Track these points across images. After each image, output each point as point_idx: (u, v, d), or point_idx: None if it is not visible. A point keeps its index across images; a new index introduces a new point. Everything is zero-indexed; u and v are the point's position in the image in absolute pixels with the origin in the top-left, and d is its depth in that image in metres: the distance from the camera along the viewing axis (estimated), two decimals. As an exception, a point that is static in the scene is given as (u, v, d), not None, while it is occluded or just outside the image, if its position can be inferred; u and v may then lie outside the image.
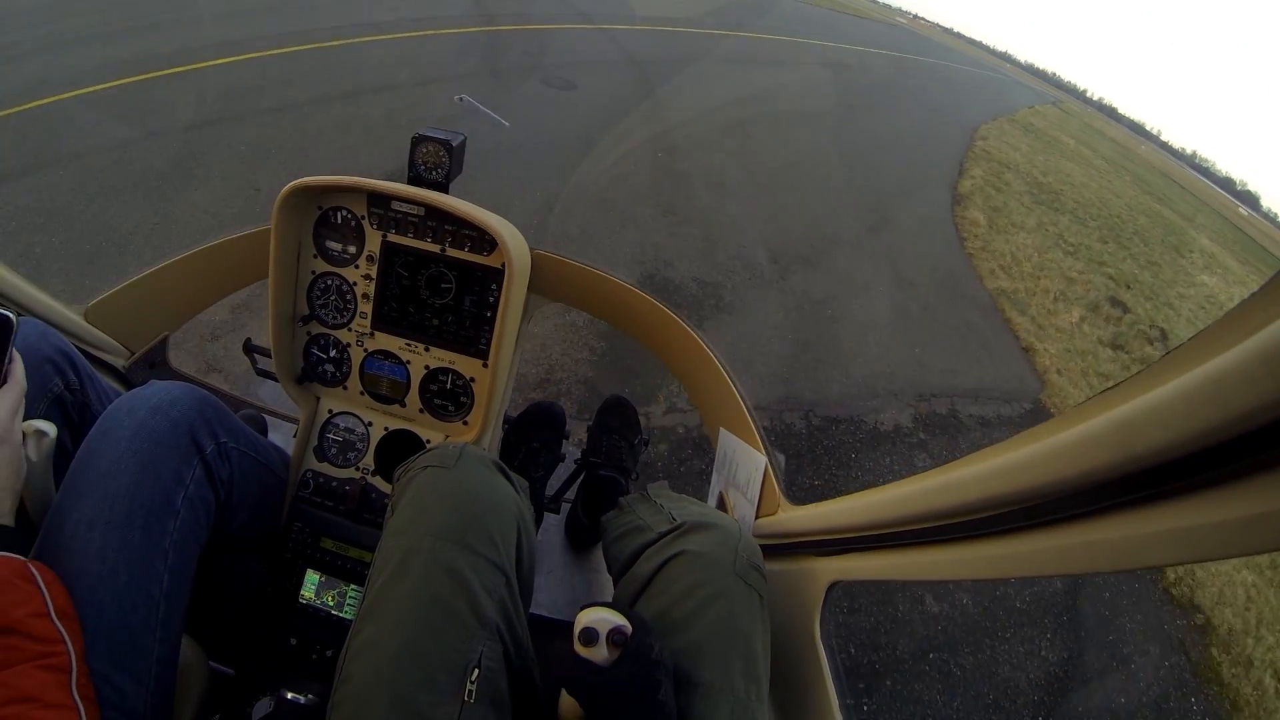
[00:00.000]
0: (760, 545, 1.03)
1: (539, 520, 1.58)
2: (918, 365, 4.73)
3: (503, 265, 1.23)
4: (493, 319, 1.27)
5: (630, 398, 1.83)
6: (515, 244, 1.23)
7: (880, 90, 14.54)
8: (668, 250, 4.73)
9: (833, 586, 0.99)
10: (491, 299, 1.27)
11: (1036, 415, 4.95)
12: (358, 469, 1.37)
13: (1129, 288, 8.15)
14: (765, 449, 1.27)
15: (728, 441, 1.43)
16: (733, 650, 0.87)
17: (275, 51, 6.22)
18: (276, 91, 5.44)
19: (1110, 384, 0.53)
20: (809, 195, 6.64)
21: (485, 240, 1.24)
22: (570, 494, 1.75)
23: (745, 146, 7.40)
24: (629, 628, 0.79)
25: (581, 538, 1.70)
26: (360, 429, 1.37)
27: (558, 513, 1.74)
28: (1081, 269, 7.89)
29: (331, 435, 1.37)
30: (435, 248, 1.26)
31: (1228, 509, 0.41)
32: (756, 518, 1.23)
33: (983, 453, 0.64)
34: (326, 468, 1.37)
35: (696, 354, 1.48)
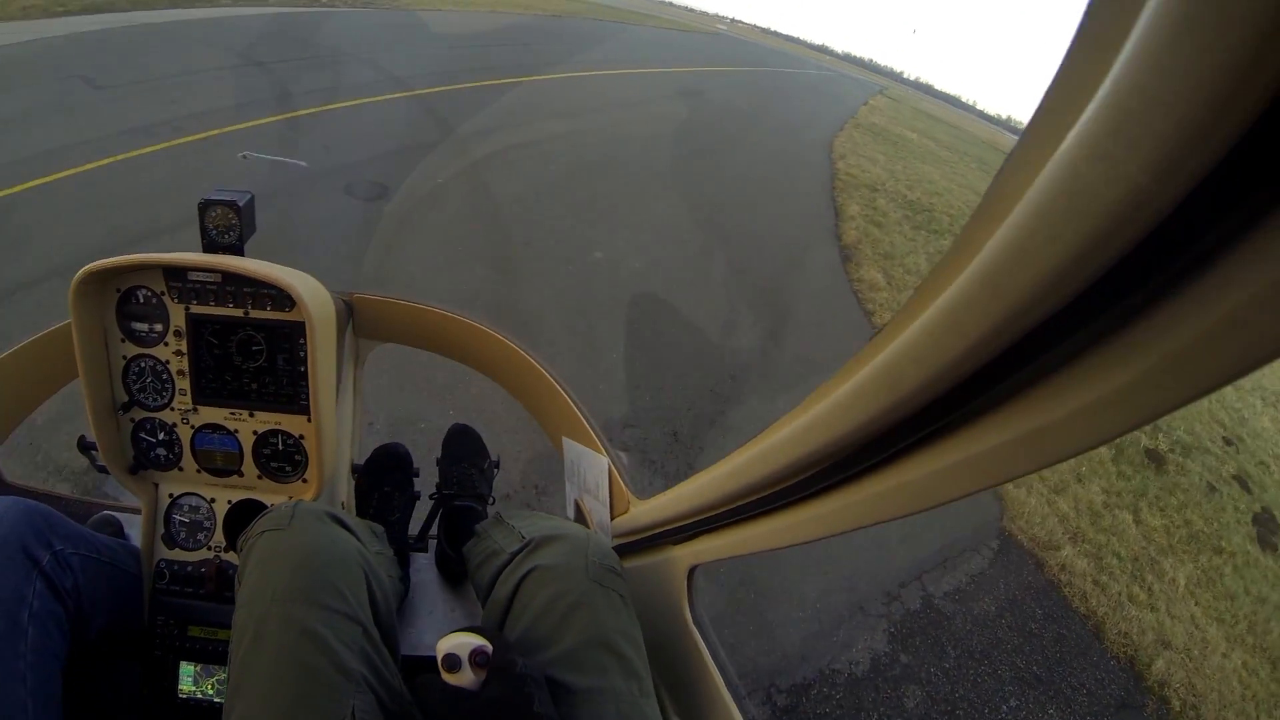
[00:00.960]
0: (620, 544, 1.16)
1: (406, 561, 1.58)
2: (876, 549, 3.82)
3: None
4: (307, 373, 1.28)
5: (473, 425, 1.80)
6: (313, 296, 1.25)
7: (728, 119, 14.00)
8: (527, 451, 3.50)
9: (693, 571, 1.04)
10: (302, 354, 1.28)
11: (1005, 550, 4.35)
12: (210, 548, 1.37)
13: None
14: (605, 449, 1.36)
15: (571, 449, 1.47)
16: (605, 653, 0.89)
17: (18, 189, 4.64)
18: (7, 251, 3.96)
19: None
20: (691, 304, 5.59)
21: (285, 297, 1.24)
22: (435, 530, 1.69)
23: (607, 238, 6.24)
24: (489, 647, 0.79)
25: (453, 571, 1.62)
26: (205, 507, 1.37)
27: (426, 551, 1.68)
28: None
29: (178, 518, 1.37)
30: (238, 312, 1.27)
31: (1001, 432, 0.43)
32: (612, 518, 1.28)
33: (786, 418, 0.66)
34: (179, 554, 1.36)
35: (527, 370, 1.57)
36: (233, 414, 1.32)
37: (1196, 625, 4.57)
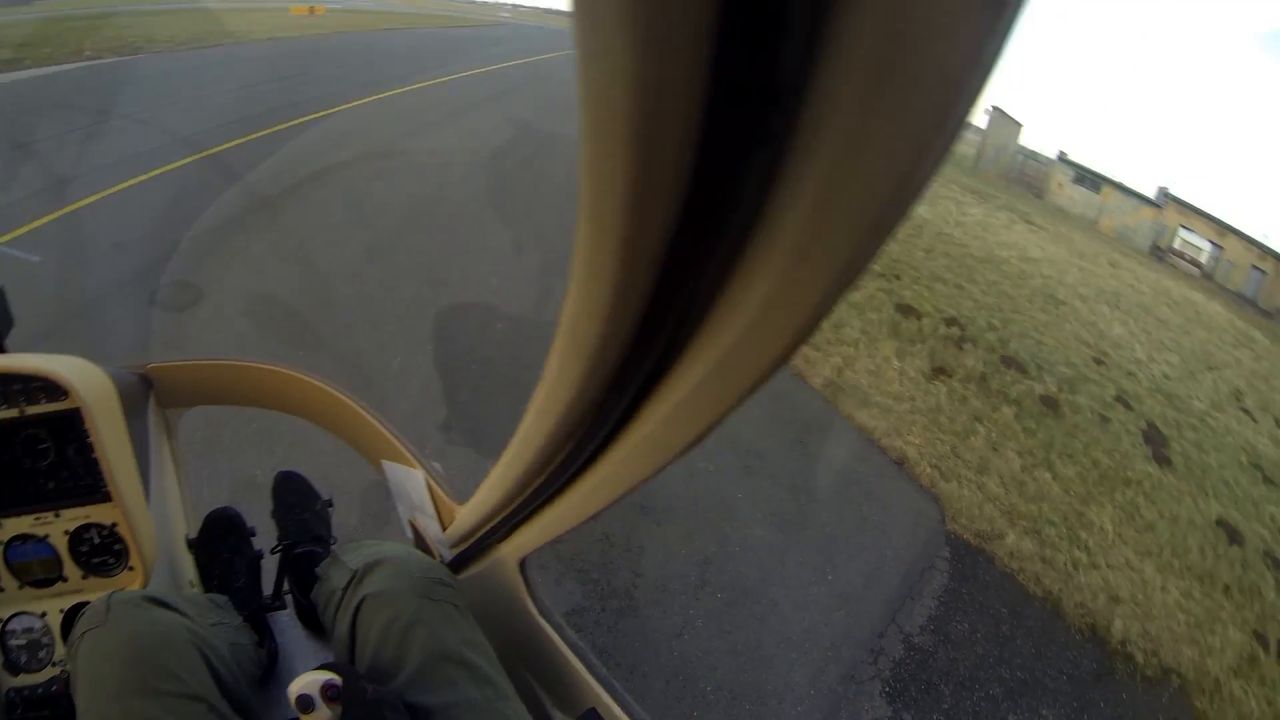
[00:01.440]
0: (458, 554, 1.17)
1: (264, 624, 1.50)
2: (844, 601, 3.64)
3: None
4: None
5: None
6: (85, 380, 1.23)
7: (544, 121, 13.25)
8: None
9: (524, 564, 1.09)
10: (89, 440, 1.25)
11: (958, 556, 4.32)
12: (55, 664, 1.31)
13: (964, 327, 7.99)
14: (419, 462, 1.39)
15: (392, 472, 1.47)
16: (452, 666, 0.91)
17: None
18: None
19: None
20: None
21: (57, 386, 1.21)
22: (288, 584, 1.64)
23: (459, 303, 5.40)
24: (339, 680, 0.80)
25: (314, 621, 1.56)
26: (38, 624, 1.31)
27: (286, 608, 1.61)
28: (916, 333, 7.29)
29: (13, 643, 1.30)
30: (14, 412, 1.23)
31: (703, 364, 0.41)
32: (444, 531, 1.28)
33: (536, 393, 0.64)
34: (24, 679, 1.30)
35: (334, 404, 1.56)
36: (38, 519, 1.29)
37: (1132, 568, 4.82)
